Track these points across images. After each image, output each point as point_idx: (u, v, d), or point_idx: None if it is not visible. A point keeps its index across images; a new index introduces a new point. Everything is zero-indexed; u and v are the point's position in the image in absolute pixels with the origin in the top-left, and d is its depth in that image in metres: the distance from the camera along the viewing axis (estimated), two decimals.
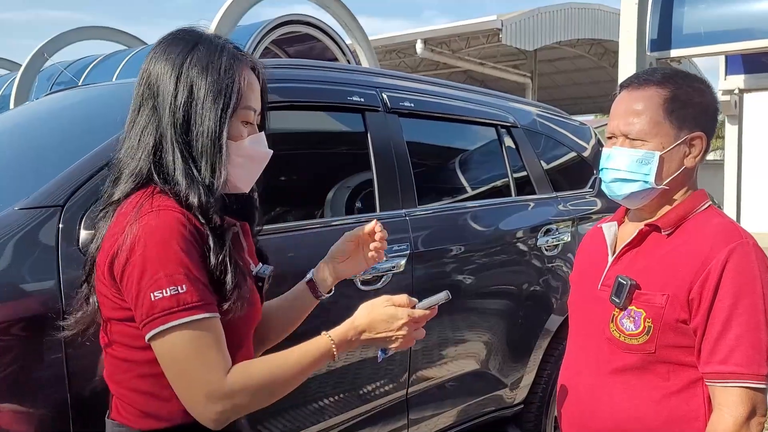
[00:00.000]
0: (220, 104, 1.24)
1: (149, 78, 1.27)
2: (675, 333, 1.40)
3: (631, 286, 1.43)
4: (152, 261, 1.12)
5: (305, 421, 2.17)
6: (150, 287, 1.11)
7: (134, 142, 1.26)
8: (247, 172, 1.32)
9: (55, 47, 10.81)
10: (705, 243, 1.40)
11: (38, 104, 2.77)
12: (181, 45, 1.27)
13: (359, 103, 2.50)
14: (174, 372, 1.15)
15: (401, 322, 1.24)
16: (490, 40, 14.26)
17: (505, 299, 2.93)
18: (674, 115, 1.43)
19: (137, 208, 1.17)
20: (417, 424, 2.58)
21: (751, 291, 1.34)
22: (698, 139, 1.45)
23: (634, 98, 1.47)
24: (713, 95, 1.50)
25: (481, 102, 3.20)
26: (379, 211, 2.47)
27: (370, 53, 10.24)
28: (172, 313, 1.11)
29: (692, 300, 1.37)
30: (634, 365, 1.44)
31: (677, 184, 1.47)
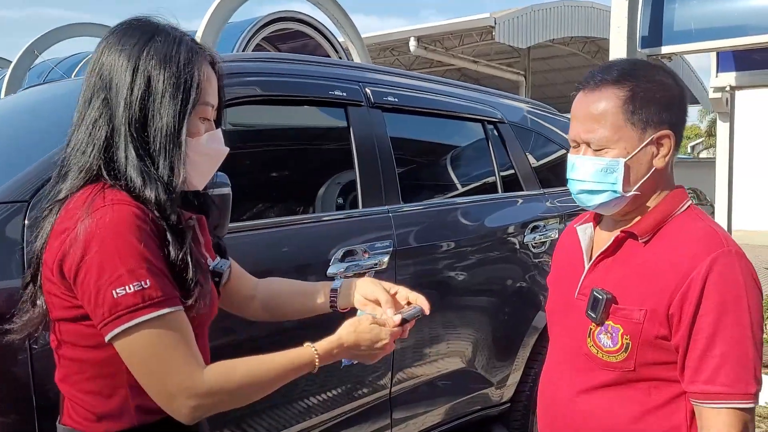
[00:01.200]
0: (179, 99, 1.18)
1: (101, 69, 1.20)
2: (655, 350, 1.30)
3: (607, 301, 1.32)
4: (111, 257, 1.07)
5: (287, 421, 2.14)
6: (111, 284, 1.06)
7: (84, 136, 1.19)
8: (202, 170, 1.27)
9: (46, 44, 10.73)
10: (685, 252, 1.28)
11: (10, 99, 2.73)
12: (137, 35, 1.20)
13: (341, 97, 2.46)
14: (145, 369, 1.11)
15: (384, 342, 1.30)
16: (484, 38, 14.25)
17: (491, 296, 2.90)
18: (636, 116, 1.31)
19: (88, 203, 1.11)
20: (401, 423, 2.54)
21: (736, 304, 1.23)
22: (666, 138, 1.32)
23: (592, 101, 1.33)
24: (678, 85, 1.36)
25: (468, 97, 3.17)
26: (361, 207, 2.43)
27: (363, 51, 10.19)
28: (137, 309, 1.07)
29: (672, 315, 1.27)
30: (613, 382, 1.35)
31: (649, 187, 1.35)
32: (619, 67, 1.36)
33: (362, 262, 2.29)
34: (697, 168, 27.93)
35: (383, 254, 2.36)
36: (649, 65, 1.39)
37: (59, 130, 1.98)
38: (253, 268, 2.04)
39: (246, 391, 1.18)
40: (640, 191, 1.34)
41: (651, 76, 1.34)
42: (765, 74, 7.04)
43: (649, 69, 1.36)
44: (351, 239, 2.31)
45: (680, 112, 1.36)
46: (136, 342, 1.09)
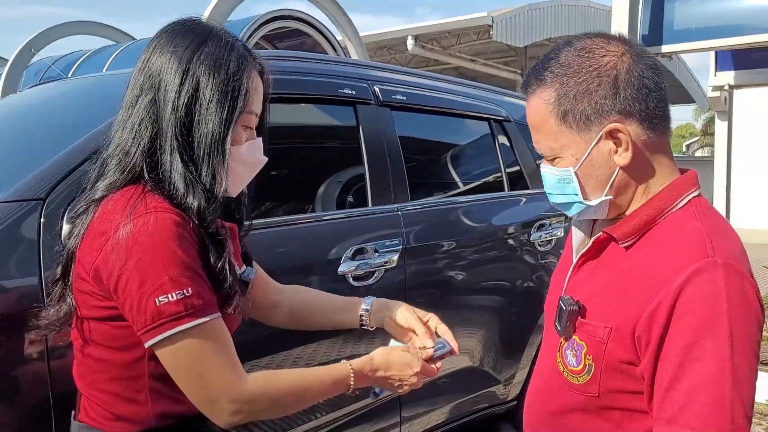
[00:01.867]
0: (226, 107, 1.16)
1: (151, 68, 1.17)
2: (621, 376, 1.08)
3: (570, 313, 1.13)
4: (154, 265, 1.06)
5: (297, 419, 2.14)
6: (154, 292, 1.06)
7: (128, 135, 1.17)
8: (239, 178, 1.25)
9: (43, 42, 10.67)
10: (664, 261, 1.05)
11: (20, 97, 2.72)
12: (190, 38, 1.18)
13: (350, 95, 2.46)
14: (187, 375, 1.11)
15: (415, 370, 1.30)
16: (481, 37, 14.24)
17: (498, 295, 2.90)
18: (570, 117, 1.10)
19: (130, 208, 1.09)
20: (410, 421, 2.55)
21: (714, 329, 0.98)
22: (617, 131, 1.09)
23: (529, 111, 1.17)
24: (624, 61, 1.10)
25: (474, 96, 3.17)
26: (371, 205, 2.43)
27: (361, 49, 10.19)
28: (180, 317, 1.07)
29: (639, 338, 1.04)
30: (581, 407, 1.15)
31: (623, 187, 1.13)
32: (545, 63, 1.15)
33: (372, 261, 2.29)
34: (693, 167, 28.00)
35: (393, 252, 2.37)
36: (584, 47, 1.12)
37: (71, 129, 1.99)
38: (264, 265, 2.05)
39: (286, 401, 1.19)
40: (614, 195, 1.13)
41: (581, 64, 1.10)
42: (763, 73, 7.08)
43: (581, 52, 1.12)
44: (361, 237, 2.31)
45: (633, 92, 1.09)
46: (178, 349, 1.09)
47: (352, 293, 2.23)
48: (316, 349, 2.17)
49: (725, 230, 1.10)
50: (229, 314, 1.17)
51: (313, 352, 2.16)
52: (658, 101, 1.10)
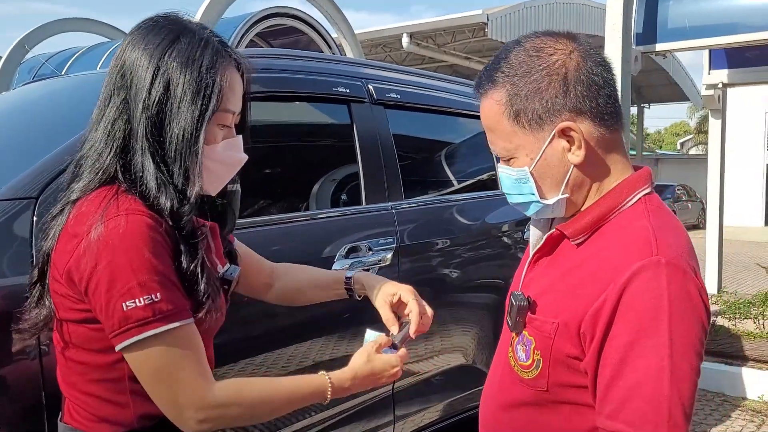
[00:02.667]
0: (198, 105, 1.13)
1: (123, 67, 1.15)
2: (568, 370, 1.10)
3: (520, 308, 1.14)
4: (123, 269, 1.05)
5: (290, 418, 2.14)
6: (122, 296, 1.05)
7: (101, 136, 1.15)
8: (216, 177, 1.23)
9: (37, 39, 10.61)
10: (611, 258, 1.06)
11: (13, 94, 2.71)
12: (163, 34, 1.16)
13: (344, 94, 2.46)
14: (154, 381, 1.10)
15: (397, 369, 1.31)
16: (476, 35, 14.24)
17: (492, 293, 2.91)
18: (523, 118, 1.10)
19: (102, 211, 1.08)
20: (403, 419, 2.55)
21: (655, 327, 0.99)
22: (569, 130, 1.09)
23: (483, 112, 1.17)
24: (572, 59, 1.09)
25: (468, 94, 3.17)
26: (365, 204, 2.43)
27: (356, 47, 10.17)
28: (148, 323, 1.06)
29: (584, 334, 1.05)
30: (531, 401, 1.16)
31: (578, 185, 1.13)
32: (499, 63, 1.14)
33: (366, 259, 2.29)
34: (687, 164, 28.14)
35: (387, 251, 2.37)
36: (533, 46, 1.12)
37: (64, 127, 1.98)
38: None
39: (256, 411, 1.18)
40: (570, 192, 1.14)
41: (530, 64, 1.10)
42: (757, 71, 7.09)
43: (530, 52, 1.11)
44: (355, 236, 2.31)
45: (583, 87, 1.09)
46: (145, 355, 1.08)
47: None
48: (311, 347, 2.17)
49: (673, 228, 1.10)
50: (202, 319, 1.14)
51: (307, 350, 2.16)
52: (608, 98, 1.11)
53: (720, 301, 6.21)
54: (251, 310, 1.91)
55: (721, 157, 7.82)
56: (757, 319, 5.13)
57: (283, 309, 2.09)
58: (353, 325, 2.28)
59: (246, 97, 1.27)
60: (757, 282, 9.35)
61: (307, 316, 2.14)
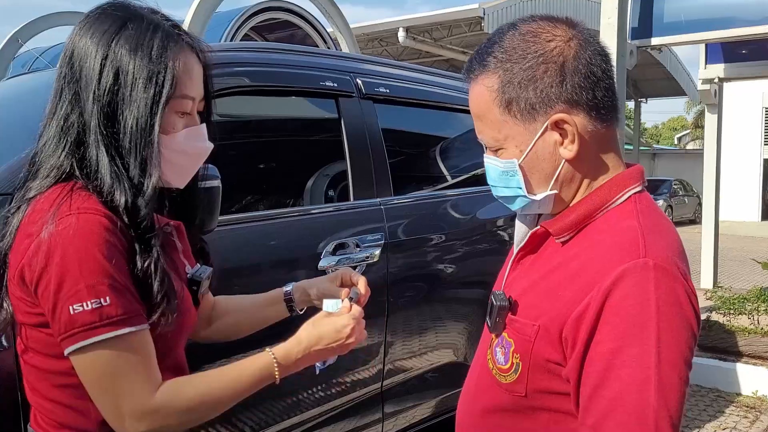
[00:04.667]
0: (150, 93, 1.08)
1: (72, 58, 1.11)
2: (548, 376, 1.03)
3: (500, 308, 1.08)
4: (71, 270, 1.00)
5: (278, 416, 2.12)
6: (69, 299, 1.00)
7: (55, 132, 1.11)
8: (179, 168, 1.17)
9: (30, 33, 10.54)
10: (596, 259, 1.00)
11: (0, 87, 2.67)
12: (110, 21, 1.11)
13: (332, 88, 2.43)
14: (96, 388, 1.06)
15: (349, 327, 1.22)
16: (472, 29, 14.19)
17: (482, 289, 2.88)
18: (515, 107, 1.03)
19: (55, 208, 1.04)
20: (393, 417, 2.53)
21: (641, 334, 0.93)
22: (563, 123, 1.02)
23: (472, 99, 1.10)
24: (571, 47, 1.03)
25: (459, 88, 3.14)
26: (353, 199, 2.41)
27: (352, 41, 10.12)
28: (94, 328, 1.01)
29: (566, 339, 0.99)
30: (509, 407, 1.09)
31: (568, 181, 1.07)
32: (492, 47, 1.06)
33: (353, 255, 2.27)
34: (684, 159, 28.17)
35: (375, 247, 2.34)
36: (529, 31, 1.05)
37: None
38: (241, 261, 2.02)
39: (198, 410, 1.11)
40: (558, 189, 1.07)
41: (526, 50, 1.03)
42: (753, 66, 7.07)
43: (527, 36, 1.04)
44: (342, 232, 2.28)
45: (580, 77, 1.02)
46: (89, 360, 1.03)
47: None
48: None
49: (664, 230, 1.03)
50: (156, 323, 1.09)
51: None
52: (606, 90, 1.04)
53: (715, 296, 6.20)
54: None
55: (717, 152, 7.81)
56: (751, 314, 5.11)
57: None
58: None
59: (208, 82, 1.21)
60: (753, 277, 9.35)
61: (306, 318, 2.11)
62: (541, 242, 1.12)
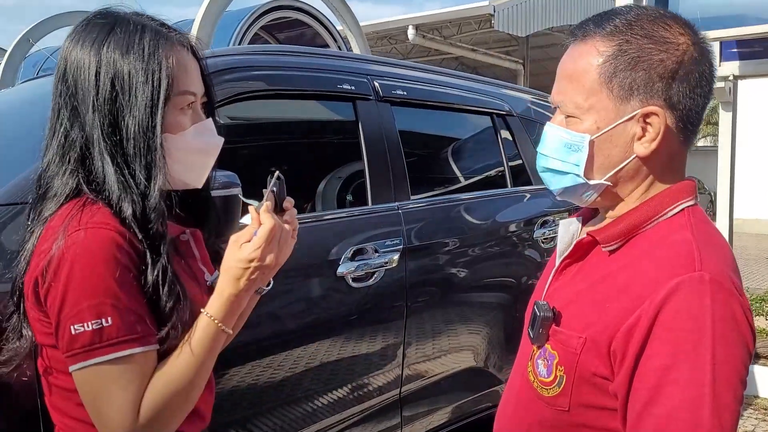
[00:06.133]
0: (149, 92, 1.06)
1: (65, 73, 1.09)
2: (594, 390, 0.98)
3: (544, 319, 1.04)
4: (75, 289, 0.98)
5: (297, 423, 2.10)
6: (71, 318, 0.98)
7: (56, 151, 1.09)
8: (193, 166, 1.15)
9: (41, 33, 10.55)
10: (648, 271, 0.95)
11: (12, 93, 2.65)
12: (97, 30, 1.09)
13: (350, 91, 2.40)
14: (92, 406, 1.04)
15: (258, 252, 1.06)
16: (482, 26, 14.13)
17: (501, 293, 2.85)
18: (616, 80, 0.99)
19: (65, 224, 1.02)
20: (411, 422, 2.51)
21: (695, 350, 0.88)
22: (654, 116, 0.98)
23: (572, 57, 1.04)
24: (696, 51, 0.99)
25: (476, 90, 3.11)
26: (371, 204, 2.38)
27: (362, 39, 10.08)
28: (93, 349, 0.99)
29: (614, 352, 0.94)
30: (549, 422, 1.05)
31: (629, 178, 1.03)
32: (616, 15, 1.02)
33: (372, 261, 2.24)
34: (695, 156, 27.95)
35: (393, 252, 2.31)
36: (660, 16, 1.01)
37: None
38: None
39: (174, 403, 1.05)
40: (613, 182, 1.03)
41: (652, 31, 0.99)
42: None
43: (657, 21, 1.00)
44: (360, 237, 2.25)
45: (689, 86, 0.98)
46: (88, 379, 1.02)
47: (352, 294, 2.19)
48: (318, 348, 2.12)
49: (718, 244, 1.00)
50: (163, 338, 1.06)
51: (315, 351, 2.12)
52: (701, 108, 1.01)
53: None
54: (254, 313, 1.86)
55: (731, 150, 7.71)
56: None
57: (287, 311, 2.05)
58: (358, 326, 2.24)
59: (206, 77, 1.19)
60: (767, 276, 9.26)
61: (312, 318, 2.10)
62: (587, 252, 1.08)
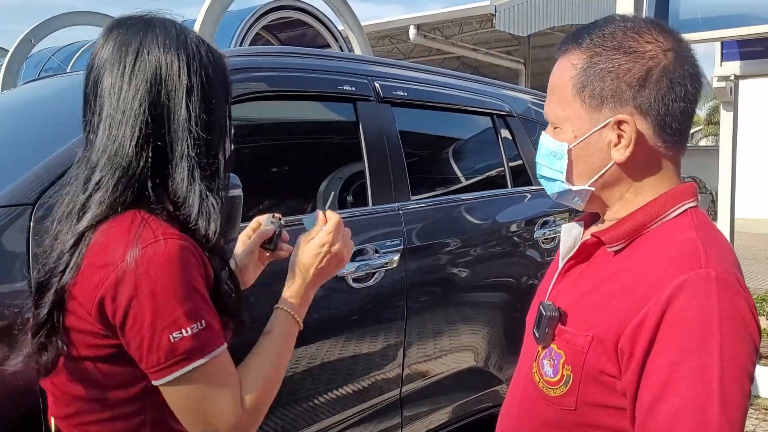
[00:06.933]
0: (223, 97, 1.09)
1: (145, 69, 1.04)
2: (601, 388, 0.99)
3: (550, 319, 1.05)
4: (166, 298, 0.98)
5: (298, 423, 2.10)
6: (167, 328, 0.98)
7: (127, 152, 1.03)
8: None
9: (43, 33, 10.56)
10: (654, 270, 0.97)
11: (14, 94, 2.66)
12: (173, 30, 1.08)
13: (350, 92, 2.41)
14: (193, 413, 1.04)
15: (328, 243, 1.22)
16: (484, 26, 14.12)
17: (502, 293, 2.86)
18: (587, 91, 1.03)
19: (136, 236, 0.99)
20: (412, 422, 2.51)
21: (703, 346, 0.89)
22: (625, 124, 1.01)
23: (554, 71, 1.10)
24: (666, 57, 1.01)
25: (476, 90, 3.11)
26: (371, 204, 2.38)
27: (363, 39, 10.08)
28: (195, 353, 1.00)
29: (622, 350, 0.96)
30: (555, 422, 1.06)
31: (612, 184, 1.06)
32: (593, 30, 1.06)
33: (372, 261, 2.24)
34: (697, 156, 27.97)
35: (394, 252, 2.32)
36: (633, 27, 1.04)
37: (63, 129, 1.94)
38: None
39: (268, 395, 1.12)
40: (598, 188, 1.07)
41: (622, 42, 1.02)
42: None
43: (629, 32, 1.03)
44: (361, 238, 2.26)
45: (659, 92, 1.01)
46: (189, 386, 1.02)
47: (352, 295, 2.19)
48: (319, 348, 2.13)
49: (721, 243, 1.02)
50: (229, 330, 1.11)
51: (316, 351, 2.12)
52: (680, 113, 1.03)
53: None
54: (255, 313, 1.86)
55: (732, 150, 7.70)
56: None
57: None
58: (359, 326, 2.24)
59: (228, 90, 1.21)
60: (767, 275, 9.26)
61: (312, 318, 2.09)
62: (591, 253, 1.10)
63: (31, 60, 10.34)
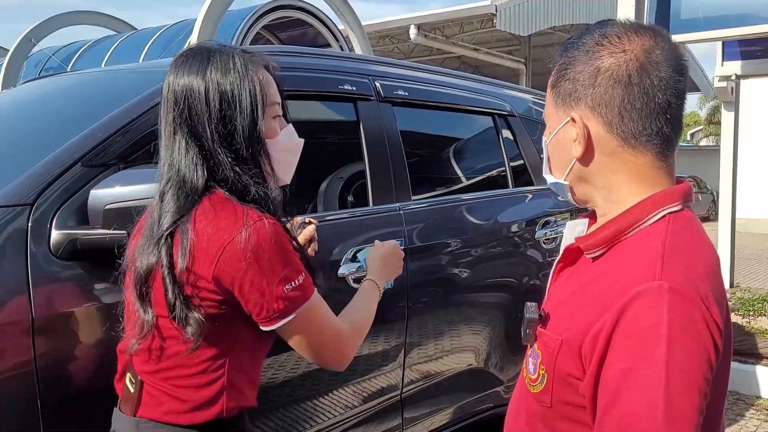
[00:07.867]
0: (251, 105, 1.28)
1: (176, 100, 1.29)
2: (570, 389, 1.02)
3: (530, 320, 1.10)
4: (277, 263, 1.27)
5: (298, 424, 2.10)
6: (281, 283, 1.27)
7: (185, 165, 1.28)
8: (287, 165, 1.41)
9: (44, 32, 10.58)
10: (620, 278, 0.99)
11: (13, 93, 2.65)
12: (197, 60, 1.31)
13: (351, 92, 2.40)
14: (313, 344, 1.35)
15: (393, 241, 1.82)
16: (484, 26, 14.12)
17: (503, 293, 2.85)
18: (556, 90, 1.11)
19: (243, 218, 1.24)
20: (412, 423, 2.50)
21: (650, 354, 0.91)
22: (576, 121, 1.06)
23: None
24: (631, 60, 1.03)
25: (477, 90, 3.10)
26: (372, 204, 2.37)
27: (363, 39, 10.08)
28: (303, 297, 1.31)
29: (584, 355, 0.98)
30: (539, 415, 1.10)
31: (580, 180, 1.11)
32: (580, 36, 1.11)
33: None
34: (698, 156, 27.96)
35: None
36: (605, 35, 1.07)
37: (62, 129, 1.93)
38: None
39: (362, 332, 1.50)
40: (571, 182, 1.12)
41: (588, 47, 1.07)
42: None
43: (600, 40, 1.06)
44: (361, 238, 2.25)
45: (609, 95, 1.04)
46: (303, 322, 1.32)
47: (351, 294, 2.18)
48: None
49: (695, 252, 1.01)
50: None
51: None
52: (645, 118, 1.04)
53: (733, 297, 6.12)
54: None
55: (734, 150, 7.70)
56: None
57: None
58: None
59: (280, 88, 1.41)
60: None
61: None
62: (577, 257, 1.14)
63: (32, 59, 10.35)
